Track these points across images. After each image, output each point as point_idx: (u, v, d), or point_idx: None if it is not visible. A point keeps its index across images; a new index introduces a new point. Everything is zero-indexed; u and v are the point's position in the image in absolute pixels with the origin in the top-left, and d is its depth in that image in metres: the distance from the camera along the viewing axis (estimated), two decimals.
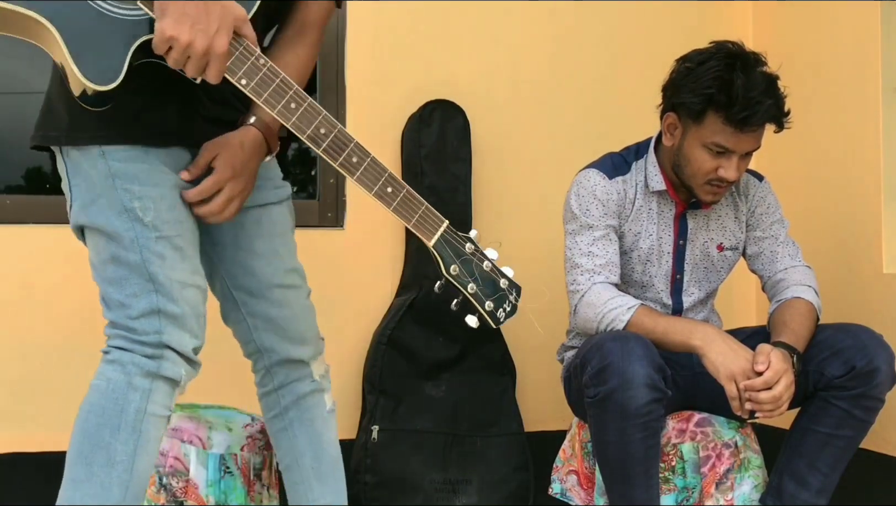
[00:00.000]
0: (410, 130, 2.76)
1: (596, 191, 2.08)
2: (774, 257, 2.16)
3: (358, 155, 1.45)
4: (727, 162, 1.96)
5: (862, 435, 1.93)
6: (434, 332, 2.62)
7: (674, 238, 2.14)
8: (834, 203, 2.64)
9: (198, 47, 1.32)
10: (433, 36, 2.82)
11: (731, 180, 1.97)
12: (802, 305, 2.03)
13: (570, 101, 2.90)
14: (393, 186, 1.48)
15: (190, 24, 1.31)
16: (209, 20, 1.32)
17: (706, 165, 1.97)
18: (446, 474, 2.57)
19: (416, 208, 1.48)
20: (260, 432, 1.87)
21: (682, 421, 2.10)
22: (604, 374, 1.83)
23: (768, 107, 1.92)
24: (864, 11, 2.52)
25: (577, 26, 2.92)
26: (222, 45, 1.34)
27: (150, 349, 1.43)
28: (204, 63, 1.34)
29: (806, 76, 2.79)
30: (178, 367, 1.45)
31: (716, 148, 1.95)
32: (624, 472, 1.89)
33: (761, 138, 1.99)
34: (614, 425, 1.84)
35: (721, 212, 2.17)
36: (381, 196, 1.47)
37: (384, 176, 1.47)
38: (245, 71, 1.39)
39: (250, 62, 1.38)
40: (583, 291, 2.04)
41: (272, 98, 1.40)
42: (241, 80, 1.39)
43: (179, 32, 1.31)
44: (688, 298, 2.18)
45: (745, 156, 2.00)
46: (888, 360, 1.89)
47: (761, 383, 1.81)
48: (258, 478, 1.82)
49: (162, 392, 1.44)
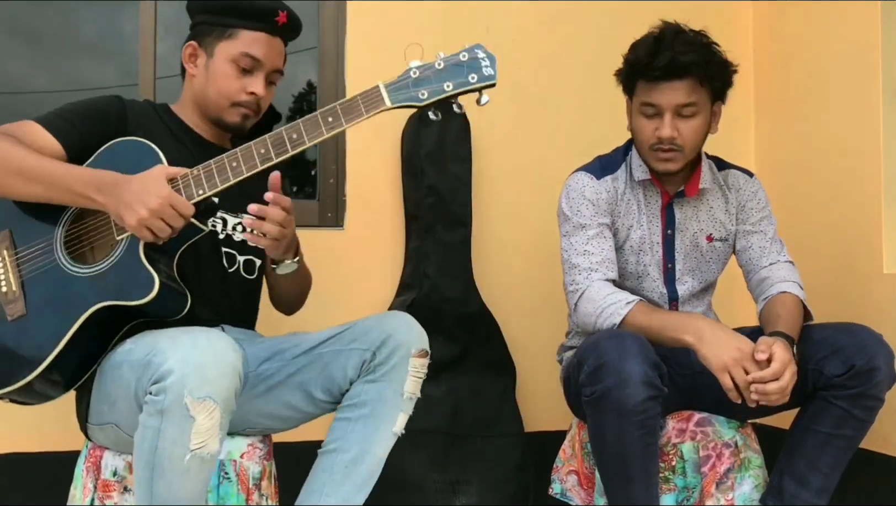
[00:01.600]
0: (410, 130, 2.76)
1: (585, 192, 2.13)
2: (762, 253, 2.18)
3: (294, 131, 1.67)
4: (661, 122, 2.05)
5: (862, 435, 1.93)
6: (434, 332, 2.59)
7: (662, 228, 2.17)
8: (834, 203, 2.64)
9: (156, 207, 1.59)
10: (433, 36, 2.82)
11: (667, 138, 2.03)
12: (790, 300, 2.06)
13: (569, 101, 2.90)
14: (330, 114, 1.67)
15: (138, 204, 1.59)
16: (145, 190, 1.60)
17: (645, 130, 2.08)
18: (446, 474, 2.57)
19: (355, 105, 1.67)
20: (261, 441, 1.86)
21: (682, 421, 2.10)
22: (600, 372, 1.83)
23: (672, 58, 2.00)
24: (864, 11, 2.52)
25: (577, 26, 2.93)
26: (164, 193, 1.61)
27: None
28: (172, 212, 1.61)
29: (806, 76, 2.79)
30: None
31: (648, 110, 2.06)
32: (622, 470, 1.89)
33: (694, 94, 2.03)
34: (611, 424, 1.84)
35: (711, 203, 2.20)
36: (332, 128, 1.66)
37: (317, 118, 1.67)
38: (194, 184, 1.65)
39: (191, 178, 1.66)
40: (581, 288, 2.06)
41: (221, 177, 1.66)
42: (199, 192, 1.65)
43: (138, 213, 1.59)
44: (682, 287, 2.19)
45: (679, 115, 2.04)
46: (887, 359, 1.89)
47: (770, 374, 1.81)
48: (257, 488, 1.81)
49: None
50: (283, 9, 1.88)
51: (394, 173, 2.79)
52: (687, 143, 2.06)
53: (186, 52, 1.90)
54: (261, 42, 1.86)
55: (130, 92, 2.75)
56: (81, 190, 1.65)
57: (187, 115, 1.94)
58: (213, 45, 1.86)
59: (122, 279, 1.64)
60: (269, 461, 1.87)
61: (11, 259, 1.72)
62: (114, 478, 1.73)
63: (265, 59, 1.86)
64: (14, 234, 1.74)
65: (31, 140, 1.72)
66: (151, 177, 1.63)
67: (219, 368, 1.47)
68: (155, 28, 2.70)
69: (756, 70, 3.04)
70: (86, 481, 1.75)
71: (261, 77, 1.87)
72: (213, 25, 1.86)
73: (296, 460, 1.97)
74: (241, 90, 1.86)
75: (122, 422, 1.64)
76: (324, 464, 1.77)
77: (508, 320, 2.77)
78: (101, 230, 1.71)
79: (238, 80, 1.86)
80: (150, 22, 2.70)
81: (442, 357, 2.63)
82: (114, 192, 1.62)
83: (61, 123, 1.76)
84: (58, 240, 1.72)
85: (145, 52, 2.70)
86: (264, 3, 1.86)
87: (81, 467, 1.78)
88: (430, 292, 2.69)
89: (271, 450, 1.90)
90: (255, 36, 1.85)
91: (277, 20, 1.86)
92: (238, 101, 1.86)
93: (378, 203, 2.76)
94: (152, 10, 2.70)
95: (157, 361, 1.47)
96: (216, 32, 1.86)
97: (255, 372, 1.81)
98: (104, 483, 1.73)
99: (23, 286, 1.69)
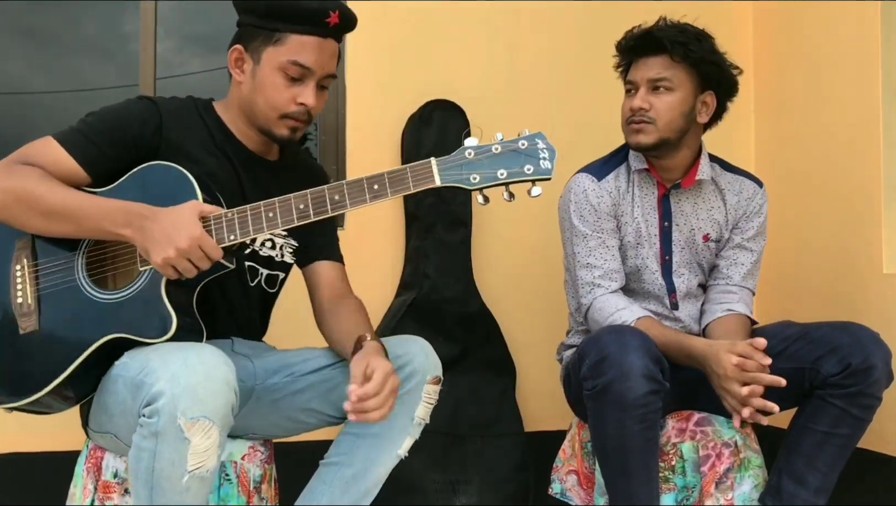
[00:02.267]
0: (410, 130, 2.76)
1: (588, 196, 2.13)
2: (744, 274, 2.19)
3: (337, 192, 1.57)
4: (635, 97, 2.11)
5: (860, 433, 1.93)
6: (434, 331, 2.62)
7: (658, 220, 2.17)
8: (834, 203, 2.64)
9: (185, 248, 1.52)
10: (433, 36, 2.82)
11: (636, 108, 2.09)
12: (748, 323, 2.15)
13: (569, 101, 2.90)
14: (376, 181, 1.57)
15: (167, 242, 1.52)
16: (175, 228, 1.52)
17: (624, 107, 2.14)
18: (446, 474, 2.57)
19: (403, 177, 1.57)
20: (262, 445, 1.85)
21: (682, 420, 2.10)
22: (601, 366, 1.84)
23: (646, 32, 2.09)
24: (864, 11, 2.52)
25: (577, 26, 2.93)
26: (196, 234, 1.53)
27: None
28: (200, 254, 1.53)
29: (806, 76, 2.79)
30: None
31: (628, 88, 2.15)
32: (623, 465, 1.89)
33: (668, 70, 2.08)
34: (612, 417, 1.85)
35: (711, 204, 2.20)
36: (376, 197, 1.57)
37: (363, 183, 1.57)
38: (226, 228, 1.58)
39: (224, 222, 1.58)
40: (586, 304, 2.12)
41: (255, 226, 1.58)
42: (230, 237, 1.58)
43: (166, 252, 1.52)
44: (679, 279, 2.19)
45: (652, 90, 2.09)
46: (884, 357, 1.89)
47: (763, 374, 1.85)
48: (257, 491, 1.81)
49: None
50: (334, 8, 1.71)
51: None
52: (660, 116, 2.07)
53: (232, 56, 1.75)
54: (311, 47, 1.70)
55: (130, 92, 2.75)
56: (110, 228, 1.57)
57: (232, 119, 1.80)
58: (259, 50, 1.71)
59: (140, 314, 1.58)
60: (269, 465, 1.87)
61: (31, 269, 1.66)
62: (115, 480, 1.72)
63: (316, 67, 1.71)
64: (36, 243, 1.67)
65: (54, 169, 1.62)
66: (184, 215, 1.54)
67: (211, 386, 1.42)
68: (155, 28, 2.71)
69: (756, 70, 3.04)
70: (86, 482, 1.74)
71: (311, 85, 1.72)
72: (259, 28, 1.70)
73: (295, 461, 1.97)
74: (291, 101, 1.72)
75: (121, 434, 1.61)
76: (324, 475, 1.75)
77: (508, 320, 2.77)
78: (124, 257, 1.64)
79: (287, 90, 1.71)
80: (150, 22, 2.70)
81: (442, 357, 2.61)
82: (143, 226, 1.54)
83: (87, 147, 1.64)
84: (79, 259, 1.65)
85: (145, 52, 2.70)
86: (313, 3, 1.69)
87: (82, 466, 1.78)
88: (430, 292, 2.69)
89: (272, 454, 1.89)
90: (304, 41, 1.69)
91: (329, 21, 1.70)
92: (287, 113, 1.72)
93: (378, 203, 2.76)
94: (152, 10, 2.70)
95: (149, 381, 1.43)
96: (262, 36, 1.71)
97: (262, 385, 1.78)
98: (105, 484, 1.72)
99: (38, 301, 1.64)
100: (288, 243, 1.87)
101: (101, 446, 1.74)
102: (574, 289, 2.16)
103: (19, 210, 1.59)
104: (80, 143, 1.64)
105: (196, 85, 3.25)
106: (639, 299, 2.17)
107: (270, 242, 1.82)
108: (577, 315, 2.21)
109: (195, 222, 1.53)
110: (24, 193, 1.58)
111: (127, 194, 1.63)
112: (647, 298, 2.18)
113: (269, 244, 1.82)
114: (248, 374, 1.76)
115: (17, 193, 1.58)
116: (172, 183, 1.62)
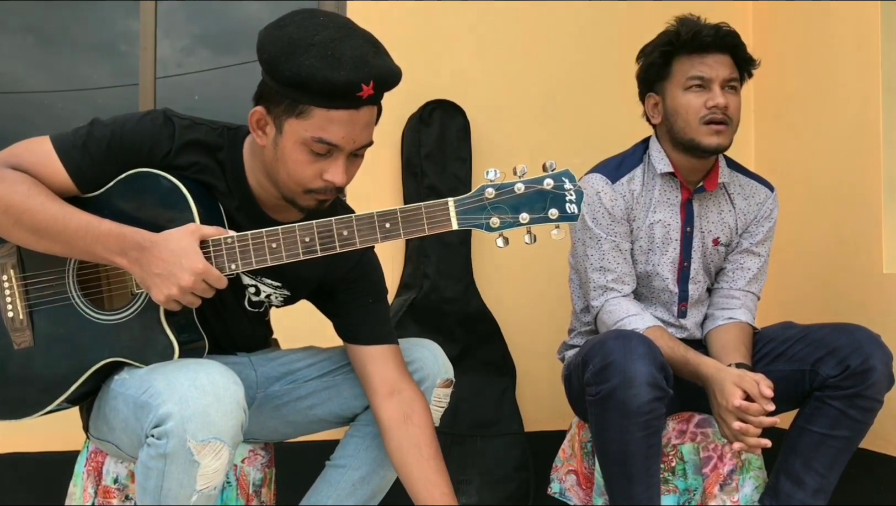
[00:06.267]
0: (410, 130, 2.76)
1: (602, 199, 2.08)
2: (751, 278, 2.17)
3: (346, 226, 1.46)
4: (710, 93, 2.02)
5: (859, 436, 1.92)
6: (434, 332, 2.62)
7: (681, 224, 2.13)
8: (834, 203, 2.64)
9: (189, 285, 1.42)
10: (433, 36, 2.82)
11: (722, 105, 2.00)
12: (749, 331, 2.12)
13: (569, 101, 2.90)
14: (388, 219, 1.45)
15: (169, 279, 1.42)
16: (176, 263, 1.42)
17: (694, 103, 2.02)
18: None
19: (418, 217, 1.44)
20: (262, 448, 1.84)
21: (682, 422, 2.10)
22: (606, 372, 1.83)
23: (717, 28, 2.04)
24: (864, 11, 2.52)
25: (577, 26, 2.93)
26: (199, 268, 1.43)
27: None
28: (205, 287, 1.44)
29: (806, 76, 2.79)
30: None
31: (695, 83, 2.03)
32: (625, 470, 1.89)
33: (736, 71, 2.05)
34: (616, 424, 1.84)
35: (722, 207, 2.16)
36: (387, 237, 1.45)
37: (374, 219, 1.46)
38: (227, 256, 1.47)
39: (224, 249, 1.47)
40: (597, 306, 2.10)
41: (257, 257, 1.47)
42: (231, 266, 1.47)
43: (169, 290, 1.43)
44: (694, 285, 2.15)
45: (726, 89, 2.03)
46: (884, 360, 1.88)
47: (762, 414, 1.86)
48: (257, 495, 1.80)
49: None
50: (367, 79, 1.43)
51: (394, 173, 2.79)
52: (734, 117, 2.04)
53: (253, 118, 1.51)
54: (339, 123, 1.45)
55: (130, 92, 2.75)
56: (102, 253, 1.46)
57: (254, 173, 1.59)
58: (281, 118, 1.47)
59: (139, 340, 1.52)
60: (270, 469, 1.86)
61: (19, 282, 1.58)
62: (115, 485, 1.71)
63: (345, 143, 1.47)
64: (22, 253, 1.58)
65: (44, 177, 1.50)
66: (183, 244, 1.42)
67: (222, 408, 1.37)
68: (155, 28, 2.70)
69: (756, 70, 3.03)
70: (86, 485, 1.74)
71: (341, 160, 1.49)
72: (281, 95, 1.46)
73: (295, 461, 1.97)
74: (317, 177, 1.50)
75: (122, 445, 1.59)
76: (330, 477, 1.74)
77: (508, 320, 2.77)
78: (118, 276, 1.56)
79: (312, 166, 1.49)
80: (150, 22, 2.70)
81: None
82: (140, 259, 1.43)
83: (83, 160, 1.51)
84: (70, 274, 1.57)
85: (145, 52, 2.70)
86: (344, 76, 1.41)
87: (82, 466, 1.77)
88: (430, 292, 2.69)
89: (273, 457, 1.88)
90: (331, 116, 1.44)
91: (361, 95, 1.44)
92: (312, 189, 1.51)
93: (378, 203, 2.75)
94: (152, 10, 2.70)
95: (155, 403, 1.38)
96: (286, 105, 1.46)
97: (264, 393, 1.76)
98: (105, 489, 1.71)
99: (30, 316, 1.57)
100: (280, 293, 1.72)
101: (102, 450, 1.74)
102: (584, 290, 2.14)
103: (6, 221, 1.49)
104: (77, 155, 1.51)
105: (196, 85, 3.25)
106: (644, 304, 2.15)
107: (255, 289, 1.67)
108: (583, 315, 2.19)
109: (196, 253, 1.43)
110: (11, 205, 1.47)
111: (114, 202, 1.53)
112: (654, 304, 2.16)
113: (253, 290, 1.67)
114: (250, 382, 1.72)
115: (6, 204, 1.47)
116: (164, 194, 1.51)
